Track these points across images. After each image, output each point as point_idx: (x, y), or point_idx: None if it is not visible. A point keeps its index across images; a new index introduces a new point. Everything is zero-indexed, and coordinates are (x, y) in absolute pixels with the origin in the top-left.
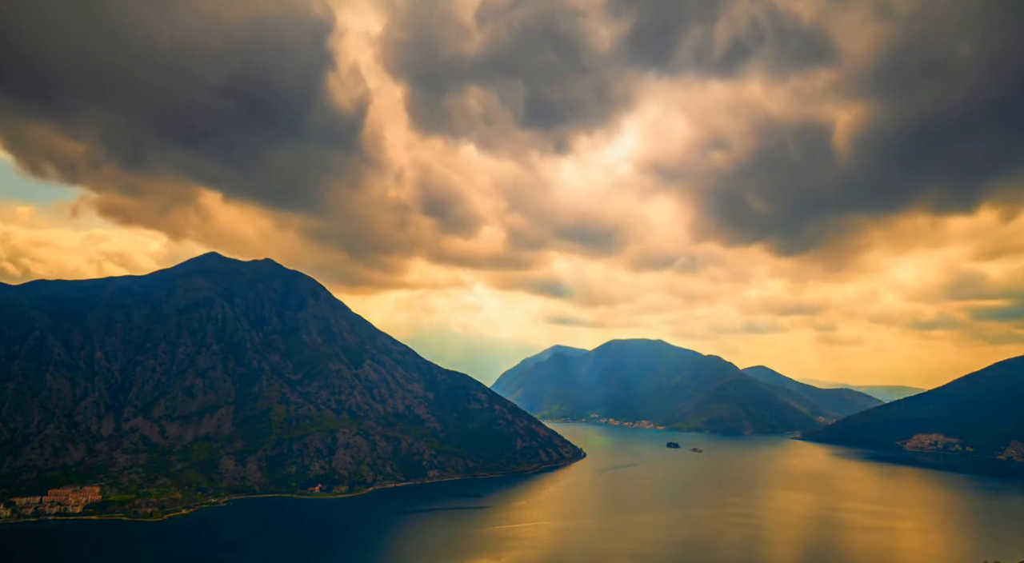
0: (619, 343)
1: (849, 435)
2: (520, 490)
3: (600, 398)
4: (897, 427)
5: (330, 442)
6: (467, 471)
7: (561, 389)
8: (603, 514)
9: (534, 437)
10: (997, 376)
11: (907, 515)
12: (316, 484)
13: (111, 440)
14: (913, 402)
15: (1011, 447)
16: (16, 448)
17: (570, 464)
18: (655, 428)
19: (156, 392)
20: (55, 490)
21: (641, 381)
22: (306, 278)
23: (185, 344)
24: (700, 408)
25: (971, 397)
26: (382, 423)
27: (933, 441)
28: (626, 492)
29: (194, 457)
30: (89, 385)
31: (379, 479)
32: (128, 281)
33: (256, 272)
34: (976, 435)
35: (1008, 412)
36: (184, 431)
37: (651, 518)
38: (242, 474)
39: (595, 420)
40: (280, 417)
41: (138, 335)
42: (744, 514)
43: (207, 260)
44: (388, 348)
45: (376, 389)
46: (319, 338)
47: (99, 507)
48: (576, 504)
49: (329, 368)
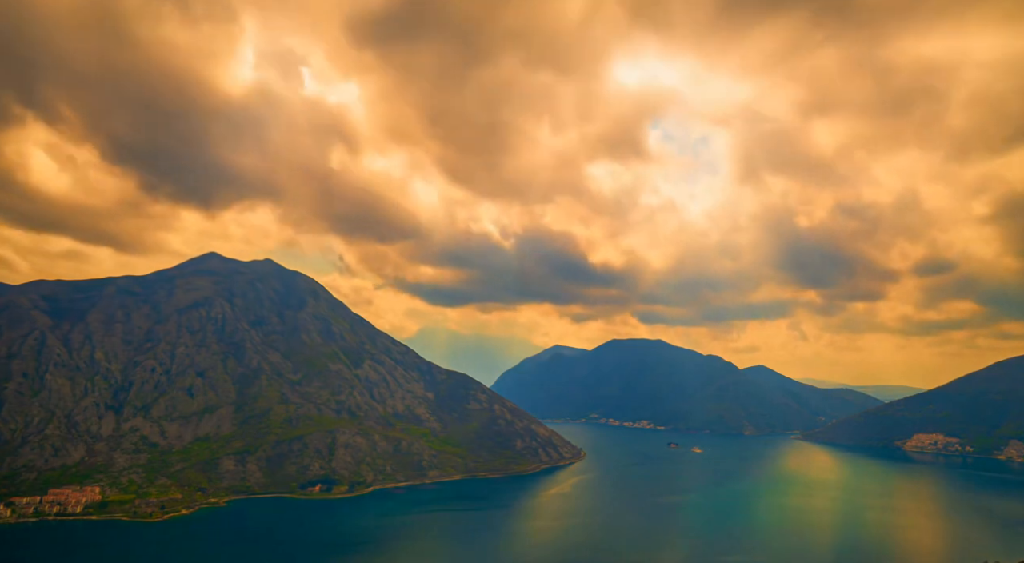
0: (619, 343)
1: (849, 435)
2: (520, 490)
3: (600, 398)
4: (897, 427)
5: (330, 442)
6: (467, 471)
7: (561, 389)
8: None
9: (534, 437)
10: (997, 376)
11: (907, 515)
12: (316, 484)
13: (111, 440)
14: (913, 402)
15: (1011, 447)
16: (16, 448)
17: (570, 464)
18: (655, 428)
19: (156, 392)
20: (55, 490)
21: (641, 381)
22: (306, 278)
23: (185, 344)
24: (700, 408)
25: (971, 397)
26: (382, 423)
27: (933, 441)
28: (627, 494)
29: (194, 457)
30: (89, 385)
31: (379, 479)
32: (128, 281)
33: (256, 272)
34: (976, 435)
35: (1008, 412)
36: (184, 431)
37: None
38: (242, 474)
39: (595, 420)
40: (280, 417)
41: (138, 335)
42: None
43: (207, 260)
44: (388, 348)
45: (376, 389)
46: (319, 338)
47: (99, 507)
48: (579, 505)
49: (329, 368)
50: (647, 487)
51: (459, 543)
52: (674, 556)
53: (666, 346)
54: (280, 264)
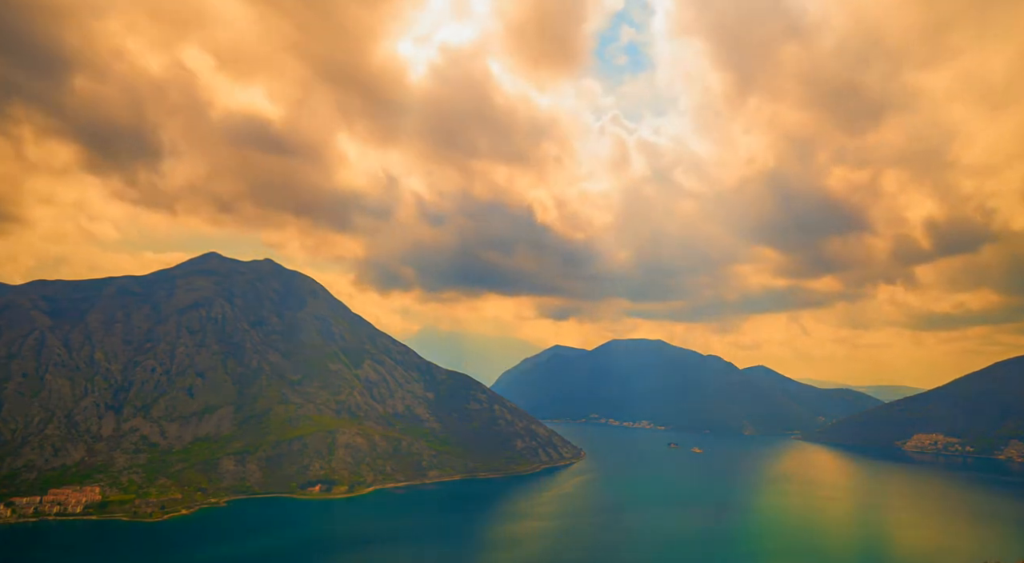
0: (619, 343)
1: (849, 435)
2: (520, 491)
3: (600, 398)
4: (897, 427)
5: (330, 442)
6: (467, 471)
7: (561, 389)
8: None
9: (534, 437)
10: (997, 376)
11: (907, 515)
12: (316, 484)
13: (111, 440)
14: (913, 402)
15: (1011, 447)
16: (16, 448)
17: (570, 464)
18: (655, 428)
19: (156, 392)
20: (55, 490)
21: (641, 381)
22: (306, 278)
23: (185, 344)
24: (700, 408)
25: (971, 397)
26: (382, 423)
27: (933, 441)
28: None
29: (194, 457)
30: (89, 385)
31: (379, 479)
32: (128, 281)
33: (256, 272)
34: (976, 435)
35: (1008, 412)
36: (184, 431)
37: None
38: (242, 474)
39: (595, 420)
40: (280, 417)
41: (138, 335)
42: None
43: (207, 260)
44: (388, 348)
45: (376, 389)
46: (319, 338)
47: (99, 507)
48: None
49: (329, 368)
50: (647, 487)
51: (459, 543)
52: (674, 556)
53: (666, 346)
54: (280, 264)
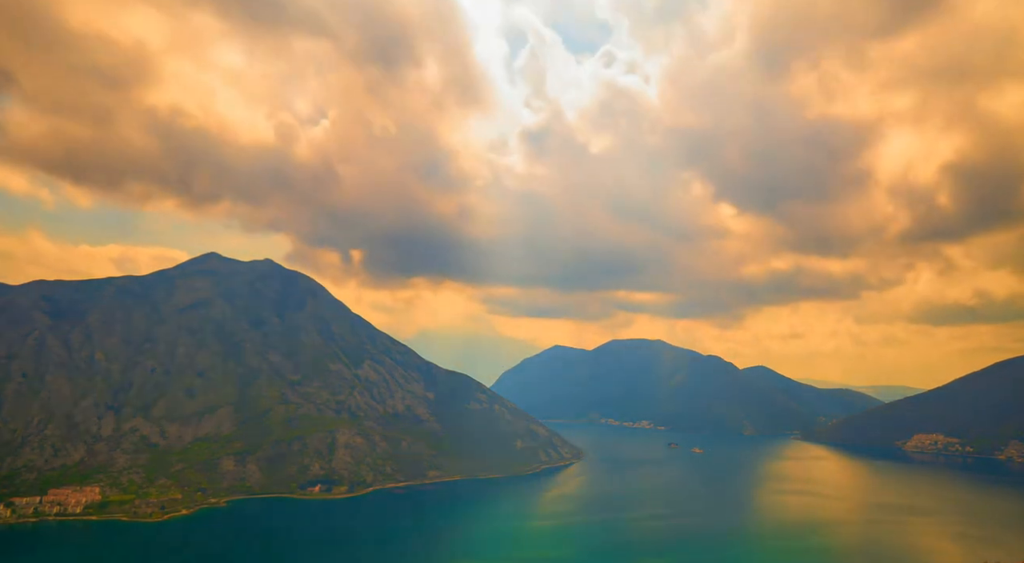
0: (619, 343)
1: (849, 435)
2: (520, 491)
3: (600, 398)
4: (897, 427)
5: (330, 442)
6: (467, 472)
7: (561, 389)
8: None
9: (534, 437)
10: (997, 376)
11: (906, 515)
12: (316, 484)
13: (111, 440)
14: (913, 402)
15: (1011, 447)
16: (16, 448)
17: (570, 465)
18: (655, 428)
19: (156, 392)
20: (55, 490)
21: (641, 381)
22: (305, 278)
23: (185, 344)
24: (700, 408)
25: (971, 397)
26: (382, 423)
27: (933, 441)
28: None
29: (194, 457)
30: (89, 385)
31: (379, 479)
32: (128, 281)
33: (256, 272)
34: (976, 435)
35: (1008, 412)
36: (184, 431)
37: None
38: (242, 474)
39: (595, 420)
40: (280, 417)
41: (138, 335)
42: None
43: (207, 260)
44: (388, 348)
45: (376, 389)
46: (318, 338)
47: (99, 507)
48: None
49: (328, 368)
50: (647, 487)
51: (459, 544)
52: (674, 556)
53: (666, 346)
54: (280, 264)
